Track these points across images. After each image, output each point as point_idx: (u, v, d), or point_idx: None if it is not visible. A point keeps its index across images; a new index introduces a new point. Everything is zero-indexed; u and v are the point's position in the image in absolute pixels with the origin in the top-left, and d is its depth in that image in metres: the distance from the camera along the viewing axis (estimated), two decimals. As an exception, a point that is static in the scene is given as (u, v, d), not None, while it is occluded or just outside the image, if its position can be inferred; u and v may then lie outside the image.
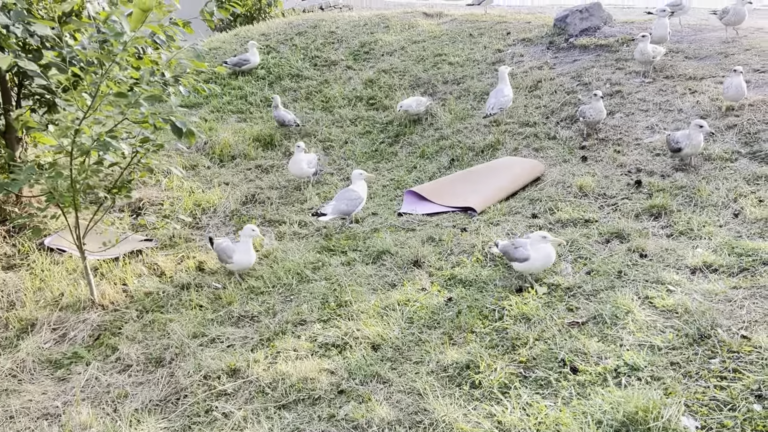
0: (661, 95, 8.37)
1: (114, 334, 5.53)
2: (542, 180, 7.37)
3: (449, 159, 8.47)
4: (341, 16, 14.01)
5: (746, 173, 6.36)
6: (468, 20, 12.76)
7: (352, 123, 10.03)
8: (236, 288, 6.02)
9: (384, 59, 11.62)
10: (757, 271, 4.84)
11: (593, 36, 10.68)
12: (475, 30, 12.03)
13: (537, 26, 11.78)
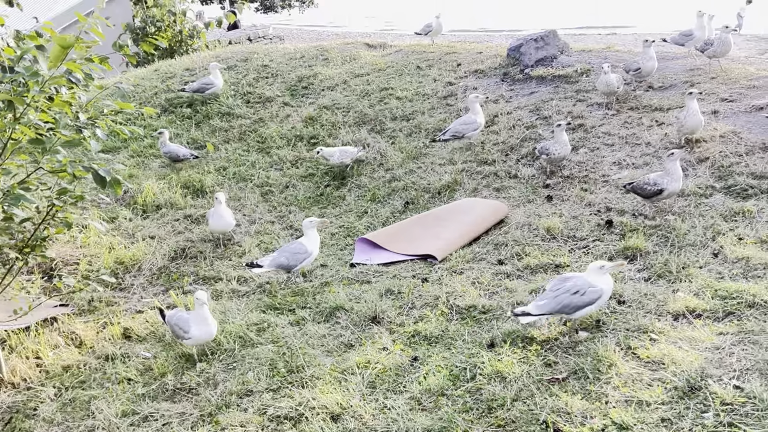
0: (627, 128, 8.70)
1: (28, 417, 5.30)
2: (506, 222, 7.51)
3: (403, 202, 8.56)
4: (274, 49, 14.15)
5: (722, 209, 6.63)
6: (414, 51, 13.05)
7: (292, 165, 10.06)
8: (170, 357, 5.87)
9: (325, 94, 11.74)
10: (743, 315, 5.01)
11: (550, 66, 11.06)
12: (423, 62, 12.30)
13: (489, 57, 12.14)
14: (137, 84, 12.45)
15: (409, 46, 13.78)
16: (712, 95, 8.95)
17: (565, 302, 4.99)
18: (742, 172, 7.16)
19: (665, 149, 7.96)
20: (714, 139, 7.85)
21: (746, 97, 8.72)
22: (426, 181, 8.82)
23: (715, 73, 9.54)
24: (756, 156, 7.42)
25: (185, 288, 7.23)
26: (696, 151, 7.77)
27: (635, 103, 9.20)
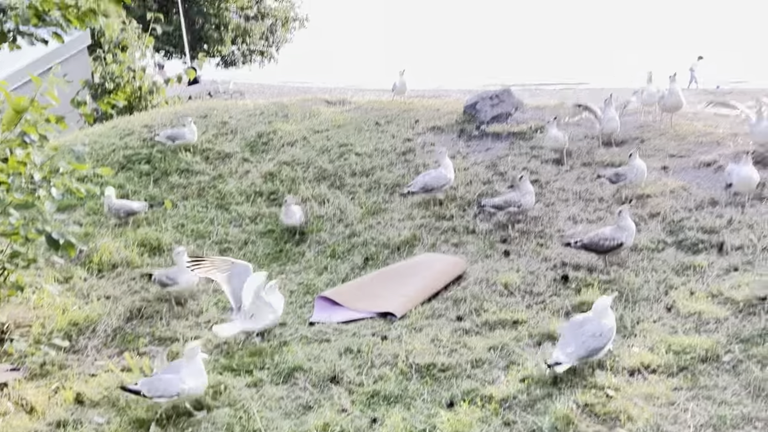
0: (580, 183, 8.89)
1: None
2: (465, 278, 7.56)
3: (363, 258, 8.57)
4: (234, 105, 14.21)
5: (674, 264, 6.79)
6: (373, 108, 13.22)
7: (251, 221, 10.02)
8: (123, 422, 5.73)
9: (285, 150, 11.79)
10: (696, 370, 5.10)
11: (505, 123, 11.30)
12: (382, 118, 12.45)
13: (446, 113, 12.35)
14: (94, 141, 12.36)
15: (368, 103, 13.96)
16: (661, 151, 9.23)
17: (593, 346, 5.22)
18: (692, 226, 7.35)
19: (618, 204, 8.15)
20: (664, 194, 8.07)
21: (694, 153, 9.00)
22: (385, 237, 8.86)
23: (665, 129, 9.83)
24: (705, 211, 7.64)
25: (140, 350, 7.10)
26: (648, 205, 7.96)
27: (588, 159, 9.42)
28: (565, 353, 5.19)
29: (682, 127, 9.91)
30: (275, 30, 37.38)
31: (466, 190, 9.54)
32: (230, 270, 7.32)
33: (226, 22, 35.00)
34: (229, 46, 35.67)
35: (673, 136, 9.59)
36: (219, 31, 34.79)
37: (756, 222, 7.20)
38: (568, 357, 5.17)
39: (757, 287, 6.03)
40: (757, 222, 7.19)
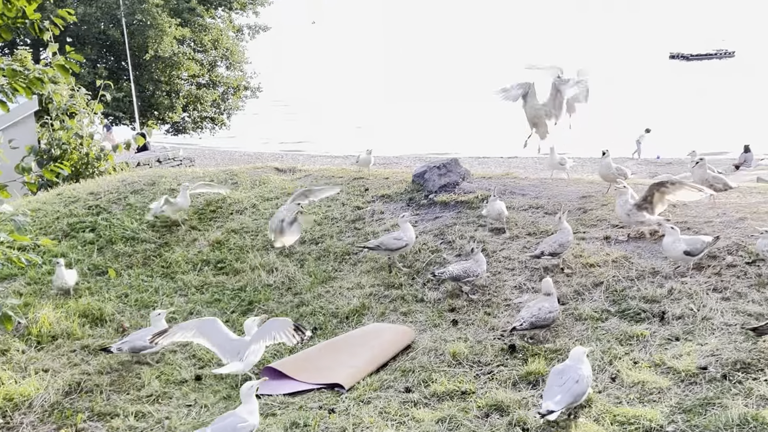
0: (525, 252, 9.02)
1: None
2: (413, 348, 7.54)
3: (311, 328, 8.49)
4: (183, 172, 14.17)
5: (618, 333, 6.89)
6: (324, 176, 13.33)
7: (198, 290, 9.89)
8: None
9: (233, 218, 11.75)
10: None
11: (453, 192, 11.46)
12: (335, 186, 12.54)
13: (395, 182, 12.50)
14: (38, 209, 12.15)
15: (318, 171, 14.07)
16: (603, 221, 9.47)
17: (577, 391, 5.50)
18: (635, 296, 7.50)
19: (564, 275, 8.29)
20: (607, 264, 8.23)
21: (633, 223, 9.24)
22: (334, 306, 8.82)
23: (606, 200, 10.10)
24: (646, 281, 7.81)
25: (78, 426, 6.85)
26: (591, 275, 8.11)
27: (533, 229, 9.59)
28: (554, 402, 5.40)
29: (623, 198, 10.19)
30: (227, 98, 37.59)
31: (414, 258, 9.61)
32: (197, 327, 7.49)
33: (178, 90, 35.10)
34: (180, 113, 35.69)
35: (614, 207, 9.83)
36: (170, 98, 34.80)
37: (695, 292, 7.38)
38: (558, 404, 5.38)
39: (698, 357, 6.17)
40: (697, 292, 7.37)
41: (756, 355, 6.12)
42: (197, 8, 34.26)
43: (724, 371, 5.96)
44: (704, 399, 5.68)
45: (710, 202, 9.56)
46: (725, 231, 8.54)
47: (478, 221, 10.25)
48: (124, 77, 33.46)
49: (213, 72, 37.18)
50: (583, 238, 8.96)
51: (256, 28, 38.63)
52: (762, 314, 6.76)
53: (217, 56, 36.87)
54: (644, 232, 8.87)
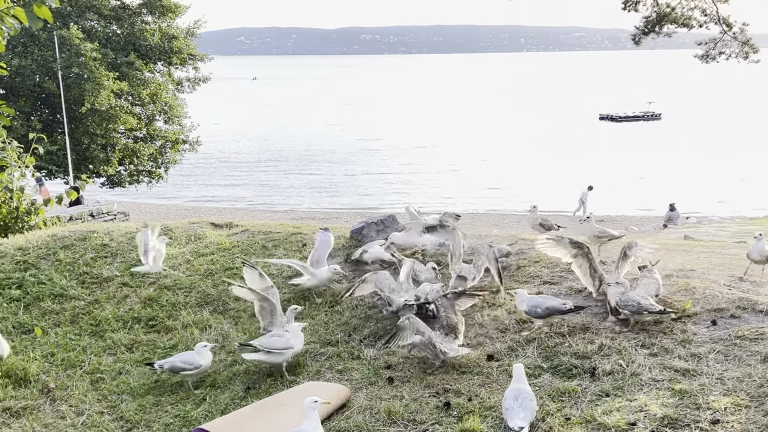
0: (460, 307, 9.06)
1: None
2: (348, 407, 7.43)
3: (245, 387, 8.32)
4: (116, 227, 13.89)
5: (550, 389, 6.93)
6: (261, 231, 13.23)
7: (128, 349, 9.62)
8: None
9: (167, 274, 11.53)
10: (573, 498, 5.14)
11: (390, 247, 11.51)
12: (269, 242, 12.47)
13: (334, 238, 12.49)
14: (-39, 265, 11.73)
15: (255, 226, 13.97)
16: (536, 278, 9.62)
17: (533, 408, 6.22)
18: (566, 352, 7.59)
19: (497, 330, 8.36)
20: (540, 319, 8.33)
21: (566, 280, 9.43)
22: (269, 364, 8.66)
23: (539, 257, 10.28)
24: (578, 337, 7.92)
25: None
26: (524, 330, 8.19)
27: (468, 285, 9.66)
28: (520, 419, 6.03)
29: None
30: (165, 152, 37.19)
31: (351, 314, 9.56)
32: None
33: (114, 143, 34.61)
34: (116, 166, 35.11)
35: (546, 263, 10.02)
36: (106, 151, 34.28)
37: (624, 348, 7.51)
38: (524, 421, 6.02)
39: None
40: (626, 348, 7.50)
41: (683, 410, 6.24)
42: (136, 62, 34.06)
43: (652, 427, 6.04)
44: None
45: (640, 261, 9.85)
46: (652, 287, 8.76)
47: (416, 276, 10.29)
48: (58, 130, 32.88)
49: (151, 126, 36.85)
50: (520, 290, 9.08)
51: (196, 80, 38.54)
52: (687, 370, 6.91)
53: (156, 110, 36.58)
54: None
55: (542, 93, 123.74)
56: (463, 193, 43.63)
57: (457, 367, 7.76)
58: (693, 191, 41.91)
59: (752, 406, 6.15)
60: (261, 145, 66.86)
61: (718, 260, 10.20)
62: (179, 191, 45.71)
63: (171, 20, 36.10)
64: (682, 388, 6.57)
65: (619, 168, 51.41)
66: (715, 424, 5.95)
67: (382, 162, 56.16)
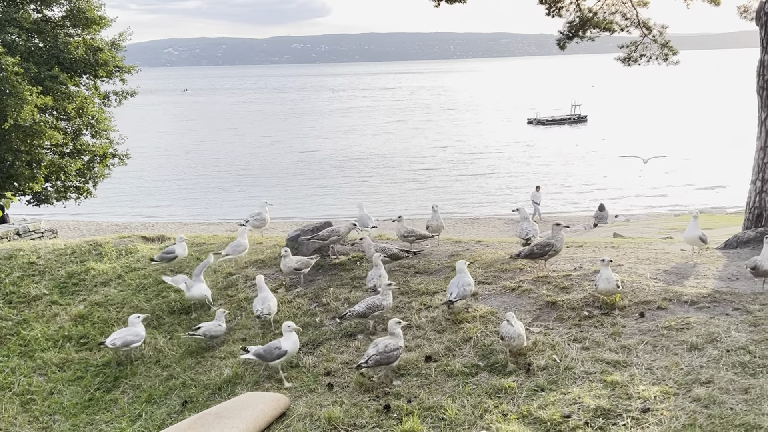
0: (398, 312, 9.12)
1: None
2: (288, 415, 7.39)
3: (182, 401, 8.18)
4: (43, 244, 13.49)
5: (487, 387, 7.03)
6: (194, 243, 13.04)
7: (59, 368, 9.36)
8: None
9: (98, 290, 11.27)
10: (511, 491, 5.22)
11: (327, 255, 11.50)
12: (203, 253, 12.29)
13: (269, 246, 12.42)
14: None
15: (189, 238, 13.75)
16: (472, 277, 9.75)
17: (468, 290, 8.33)
18: (502, 349, 7.70)
19: (435, 332, 8.44)
20: (475, 319, 8.45)
21: (500, 279, 9.58)
22: (206, 377, 8.56)
23: (473, 258, 10.42)
24: (513, 333, 8.05)
25: None
26: (461, 331, 8.28)
27: (405, 288, 9.72)
28: (452, 294, 8.38)
29: (488, 256, 10.55)
30: (93, 166, 36.20)
31: (289, 323, 9.49)
32: None
33: (39, 159, 33.52)
34: (42, 183, 34.00)
35: (481, 264, 10.17)
36: (31, 168, 33.15)
37: (558, 343, 7.67)
38: (454, 295, 8.33)
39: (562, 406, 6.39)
40: (559, 343, 7.66)
41: (615, 401, 6.40)
42: (60, 76, 33.07)
43: (586, 418, 6.19)
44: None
45: (569, 257, 10.10)
46: (582, 284, 8.99)
47: (352, 283, 10.31)
48: (-20, 147, 31.69)
49: (78, 140, 35.80)
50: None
51: (123, 93, 37.65)
52: (618, 361, 7.10)
53: (82, 124, 35.57)
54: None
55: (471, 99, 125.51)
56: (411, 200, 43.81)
57: (396, 369, 7.79)
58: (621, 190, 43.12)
59: (680, 394, 6.36)
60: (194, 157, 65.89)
61: (644, 255, 10.50)
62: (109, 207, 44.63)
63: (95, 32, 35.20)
64: (613, 380, 6.75)
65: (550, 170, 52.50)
66: (645, 412, 6.14)
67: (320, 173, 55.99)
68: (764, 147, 12.76)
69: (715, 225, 21.29)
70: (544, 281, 9.24)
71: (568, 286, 9.04)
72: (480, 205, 41.40)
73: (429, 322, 8.76)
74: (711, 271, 9.46)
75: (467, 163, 57.61)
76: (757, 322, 7.49)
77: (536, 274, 9.47)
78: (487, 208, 40.00)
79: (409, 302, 9.25)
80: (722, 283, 8.89)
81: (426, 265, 10.50)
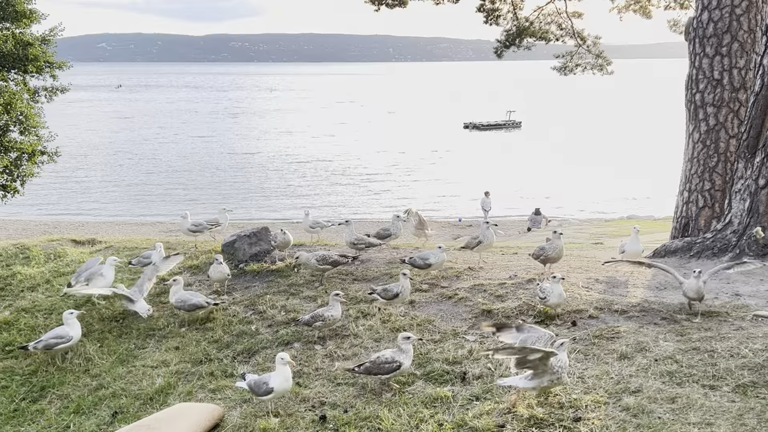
0: (338, 321, 9.08)
1: None
2: (222, 426, 7.26)
3: (112, 412, 7.96)
4: (-33, 247, 12.98)
5: (423, 396, 7.04)
6: (126, 247, 12.75)
7: (-18, 379, 8.99)
8: None
9: (24, 296, 10.91)
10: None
11: (264, 261, 11.39)
12: (134, 259, 12.00)
13: (204, 252, 12.23)
14: None
15: (119, 241, 13.45)
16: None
17: None
18: (438, 358, 7.74)
19: (373, 340, 8.43)
20: (413, 327, 8.47)
21: (436, 287, 9.64)
22: (137, 387, 8.35)
23: (410, 264, 10.47)
24: (449, 342, 8.11)
25: None
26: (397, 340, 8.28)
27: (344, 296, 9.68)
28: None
29: (427, 263, 10.61)
30: (21, 164, 35.06)
31: (224, 331, 9.37)
32: None
33: (-37, 156, 32.34)
34: (-34, 181, 32.82)
35: (418, 272, 10.21)
36: (-46, 165, 31.98)
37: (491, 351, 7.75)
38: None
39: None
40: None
41: (548, 410, 6.49)
42: (-14, 70, 31.99)
43: (519, 428, 6.25)
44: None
45: (505, 265, 10.24)
46: (516, 292, 9.12)
47: (289, 290, 10.24)
48: None
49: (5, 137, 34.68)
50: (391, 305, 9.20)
51: (53, 89, 36.56)
52: (551, 370, 7.21)
53: (10, 120, 34.46)
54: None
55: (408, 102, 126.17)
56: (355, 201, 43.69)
57: (332, 379, 7.75)
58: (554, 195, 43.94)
59: (610, 402, 6.50)
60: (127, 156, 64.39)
61: (576, 263, 10.73)
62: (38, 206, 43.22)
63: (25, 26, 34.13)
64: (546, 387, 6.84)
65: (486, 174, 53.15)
66: (577, 421, 6.24)
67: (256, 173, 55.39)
68: (691, 158, 13.22)
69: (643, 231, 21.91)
70: (479, 289, 9.35)
71: (503, 294, 9.16)
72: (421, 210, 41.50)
73: (366, 330, 8.75)
74: (640, 281, 9.73)
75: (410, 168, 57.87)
76: (684, 332, 7.73)
77: (472, 282, 9.57)
78: (426, 214, 40.19)
79: (346, 310, 9.22)
80: (651, 293, 9.15)
81: (364, 272, 10.51)
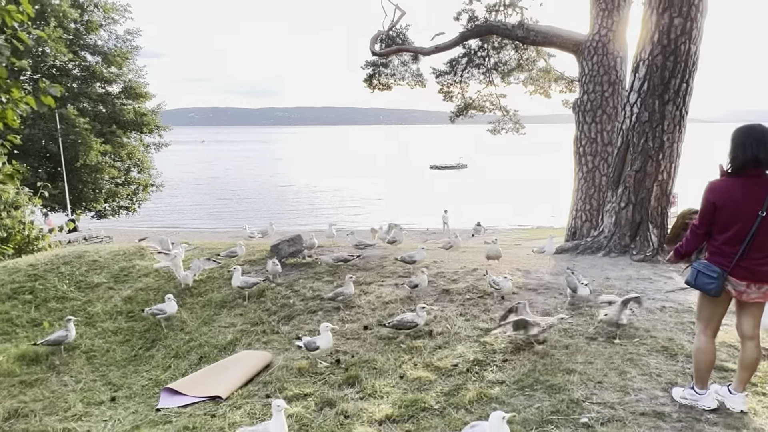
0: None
1: None
2: (271, 366, 7.27)
3: (198, 357, 7.95)
4: (104, 248, 12.92)
5: (405, 346, 7.05)
6: (207, 247, 12.70)
7: (113, 334, 8.97)
8: None
9: (141, 280, 10.85)
10: (419, 417, 5.27)
11: (298, 257, 11.40)
12: (213, 255, 11.96)
13: (259, 250, 12.21)
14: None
15: (202, 243, 13.38)
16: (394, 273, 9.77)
17: None
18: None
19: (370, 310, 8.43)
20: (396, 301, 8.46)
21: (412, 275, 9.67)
22: (215, 340, 8.34)
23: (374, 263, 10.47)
24: (420, 311, 8.11)
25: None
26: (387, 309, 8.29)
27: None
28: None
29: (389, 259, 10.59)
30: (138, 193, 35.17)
31: (272, 303, 9.33)
32: None
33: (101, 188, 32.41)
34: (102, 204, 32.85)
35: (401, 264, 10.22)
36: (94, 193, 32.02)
37: (449, 316, 7.77)
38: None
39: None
40: (450, 316, 7.77)
41: (485, 355, 6.52)
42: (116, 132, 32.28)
43: (467, 366, 6.28)
44: (456, 385, 5.90)
45: (458, 258, 10.25)
46: (465, 278, 9.16)
47: (315, 276, 10.22)
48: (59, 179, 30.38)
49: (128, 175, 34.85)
50: (381, 285, 9.22)
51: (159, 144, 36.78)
52: (488, 329, 7.24)
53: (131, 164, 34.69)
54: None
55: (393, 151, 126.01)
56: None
57: (343, 335, 7.75)
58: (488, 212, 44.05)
59: (526, 349, 6.50)
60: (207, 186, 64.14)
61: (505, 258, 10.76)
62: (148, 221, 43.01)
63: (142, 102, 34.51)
64: (484, 341, 6.86)
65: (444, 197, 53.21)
66: (504, 362, 6.27)
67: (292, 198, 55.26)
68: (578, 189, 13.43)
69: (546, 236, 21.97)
70: (441, 276, 9.38)
71: (456, 278, 9.19)
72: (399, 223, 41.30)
73: (366, 303, 8.75)
74: (545, 269, 9.79)
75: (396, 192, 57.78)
76: (574, 302, 7.78)
77: (436, 271, 9.60)
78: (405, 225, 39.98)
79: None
80: (552, 277, 9.21)
81: (364, 265, 10.52)
